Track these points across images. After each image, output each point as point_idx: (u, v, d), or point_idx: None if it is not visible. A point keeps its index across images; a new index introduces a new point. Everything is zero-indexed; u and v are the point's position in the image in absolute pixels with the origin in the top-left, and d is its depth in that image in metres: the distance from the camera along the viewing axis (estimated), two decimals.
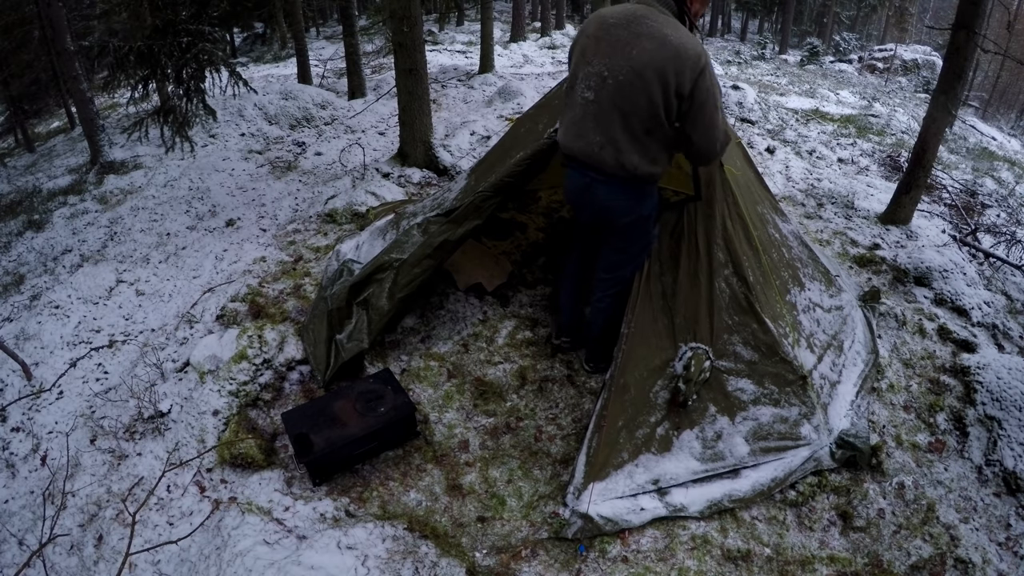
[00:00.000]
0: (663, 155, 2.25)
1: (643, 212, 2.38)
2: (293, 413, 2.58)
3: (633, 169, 2.20)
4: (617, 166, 2.21)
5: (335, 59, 12.56)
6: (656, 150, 2.20)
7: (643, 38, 2.06)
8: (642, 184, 2.29)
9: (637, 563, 2.17)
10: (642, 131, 2.15)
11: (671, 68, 2.01)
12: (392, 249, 2.95)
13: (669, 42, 2.03)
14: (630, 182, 2.26)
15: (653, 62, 2.03)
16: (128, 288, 3.95)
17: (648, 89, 2.05)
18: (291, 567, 2.01)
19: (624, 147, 2.17)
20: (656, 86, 2.04)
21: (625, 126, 2.15)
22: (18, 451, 2.84)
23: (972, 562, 2.24)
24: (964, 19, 3.81)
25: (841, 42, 21.84)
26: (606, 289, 2.65)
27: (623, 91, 2.10)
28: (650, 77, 2.04)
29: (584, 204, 2.43)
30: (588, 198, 2.38)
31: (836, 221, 4.56)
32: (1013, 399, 2.71)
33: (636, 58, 2.06)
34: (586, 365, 2.96)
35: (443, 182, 5.15)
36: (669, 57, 2.02)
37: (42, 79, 9.78)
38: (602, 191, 2.32)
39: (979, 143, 9.01)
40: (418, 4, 4.77)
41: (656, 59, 2.03)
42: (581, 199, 2.42)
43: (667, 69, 2.02)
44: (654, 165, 2.23)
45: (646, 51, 2.04)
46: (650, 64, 2.03)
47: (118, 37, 8.03)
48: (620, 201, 2.33)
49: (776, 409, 2.49)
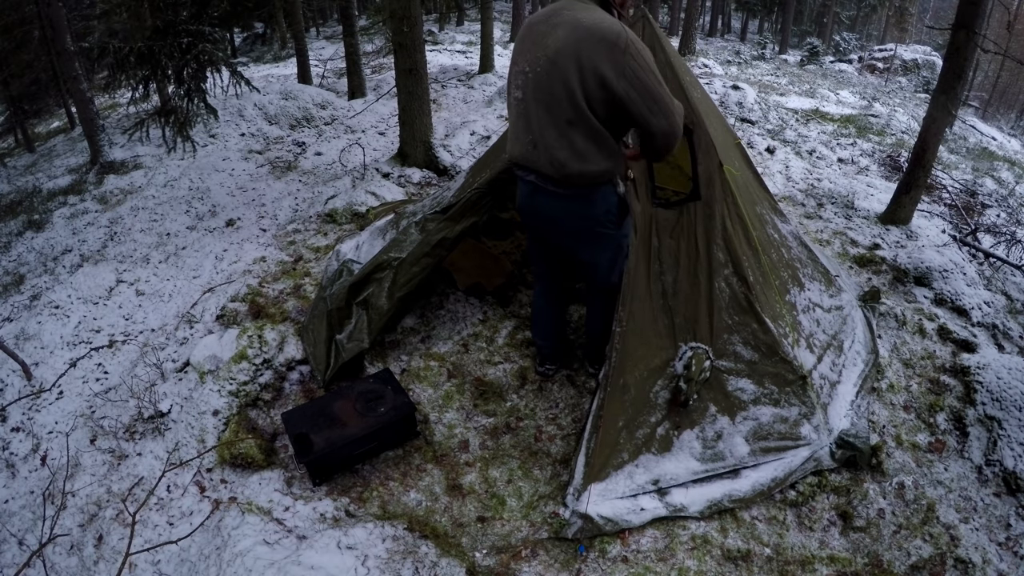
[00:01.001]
0: (591, 149, 2.04)
1: (594, 216, 2.20)
2: (293, 413, 2.58)
3: (561, 166, 2.05)
4: (548, 165, 2.08)
5: (335, 59, 12.57)
6: (582, 144, 2.02)
7: (559, 27, 1.98)
8: (581, 186, 2.11)
9: (637, 563, 2.17)
10: (564, 122, 2.01)
11: (584, 49, 1.90)
12: (391, 248, 2.95)
13: (582, 24, 1.93)
14: (567, 185, 2.11)
15: (566, 46, 1.94)
16: (128, 288, 3.95)
17: (563, 75, 1.95)
18: (291, 567, 2.01)
19: (551, 142, 2.05)
20: (572, 71, 1.93)
21: (548, 120, 2.03)
22: (18, 451, 2.84)
23: (972, 562, 2.24)
24: (964, 19, 3.81)
25: (841, 42, 21.85)
26: (595, 298, 2.56)
27: (541, 82, 2.01)
28: (564, 63, 1.94)
29: (530, 214, 2.32)
30: (532, 207, 2.27)
31: (836, 221, 4.56)
32: (1013, 399, 2.71)
33: (551, 46, 1.98)
34: (590, 367, 2.90)
35: (443, 182, 5.15)
36: (582, 39, 1.91)
37: (42, 79, 9.79)
38: (542, 199, 2.19)
39: (979, 143, 9.01)
40: (418, 4, 4.78)
41: (568, 42, 1.93)
42: (528, 209, 2.30)
43: (580, 50, 1.91)
44: (583, 162, 2.04)
45: (559, 38, 1.96)
46: (563, 50, 1.94)
47: (118, 37, 8.04)
48: (562, 207, 2.18)
49: (776, 409, 2.49)
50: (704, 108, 2.67)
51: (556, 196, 2.16)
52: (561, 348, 2.92)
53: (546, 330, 2.82)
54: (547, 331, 2.82)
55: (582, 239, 2.30)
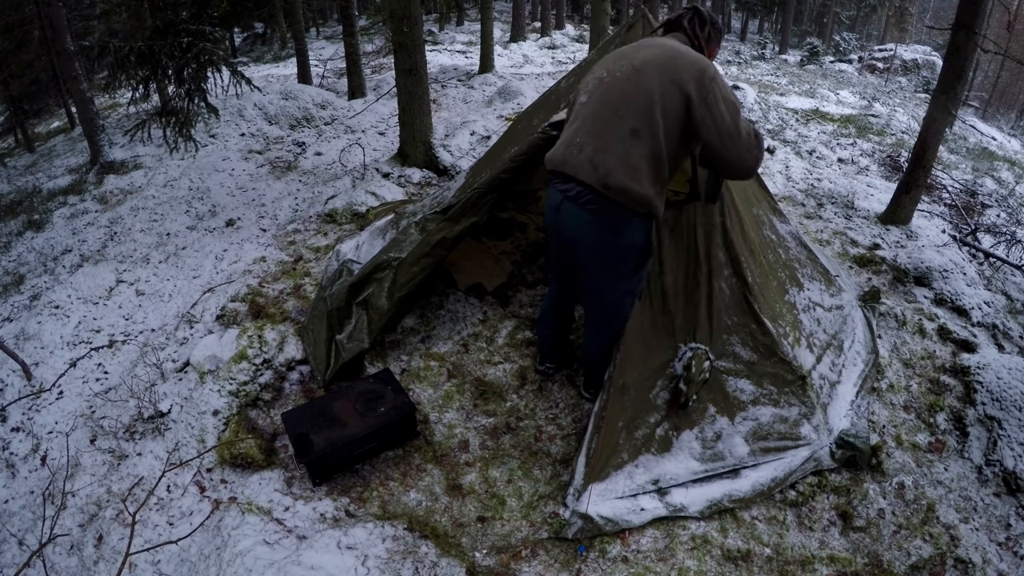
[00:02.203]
0: (644, 169, 1.94)
1: (617, 247, 2.07)
2: (293, 413, 2.58)
3: (605, 174, 1.93)
4: (592, 171, 1.95)
5: (335, 59, 12.57)
6: (637, 159, 1.92)
7: (651, 47, 2.04)
8: (615, 205, 1.97)
9: (637, 563, 2.17)
10: (628, 130, 1.93)
11: (676, 66, 1.94)
12: (391, 248, 2.95)
13: (676, 48, 2.01)
14: (603, 199, 1.96)
15: (656, 59, 1.97)
16: (128, 288, 3.95)
17: (647, 83, 1.93)
18: (291, 567, 2.01)
19: (605, 147, 1.95)
20: (656, 80, 1.92)
21: (613, 123, 1.96)
22: (18, 451, 2.84)
23: (972, 562, 2.24)
24: (964, 19, 3.81)
25: (841, 42, 21.85)
26: (598, 329, 2.41)
27: (618, 86, 1.98)
28: (650, 72, 1.94)
29: (554, 231, 2.21)
30: (556, 225, 2.16)
31: (836, 221, 4.56)
32: (1013, 399, 2.71)
33: (638, 58, 2.00)
34: (585, 392, 2.81)
35: (443, 182, 5.15)
36: (674, 57, 1.96)
37: (42, 79, 9.79)
38: (569, 216, 2.06)
39: (979, 143, 9.01)
40: (418, 4, 4.78)
41: (660, 58, 1.97)
42: (552, 226, 2.20)
43: (671, 66, 1.94)
44: (631, 178, 1.93)
45: (651, 53, 2.00)
46: (651, 61, 1.97)
47: (118, 37, 8.04)
48: (587, 229, 2.05)
49: (776, 409, 2.50)
50: None
51: (585, 212, 2.02)
52: (562, 349, 2.92)
53: (549, 331, 2.80)
54: (550, 332, 2.80)
55: (598, 267, 2.18)
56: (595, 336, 2.45)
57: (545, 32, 17.29)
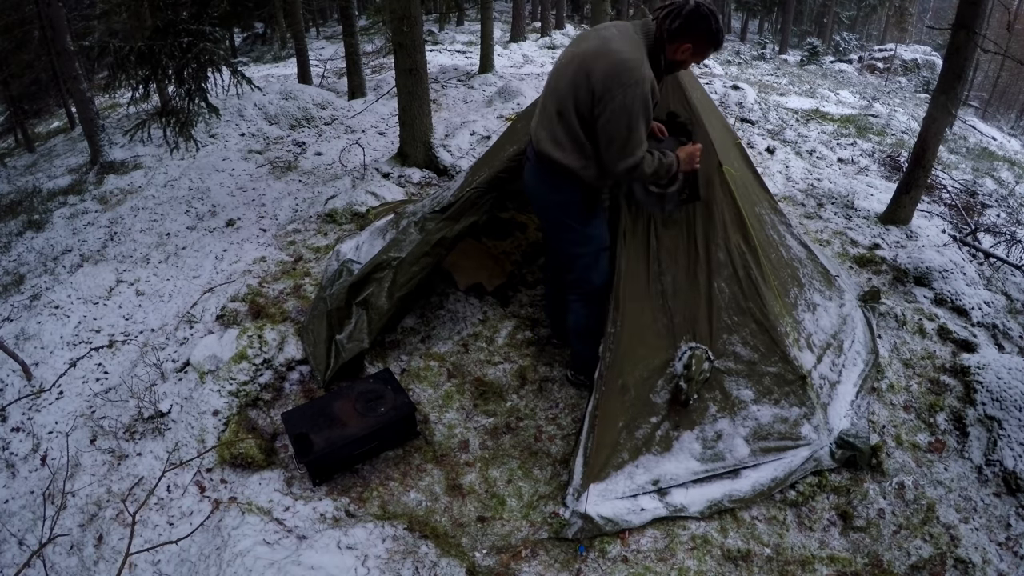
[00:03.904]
0: (567, 143, 2.22)
1: (556, 201, 2.39)
2: (293, 413, 2.58)
3: (538, 142, 2.30)
4: (535, 141, 2.32)
5: (335, 59, 12.57)
6: (561, 135, 2.23)
7: (592, 40, 2.17)
8: (551, 169, 2.30)
9: (637, 563, 2.17)
10: (554, 111, 2.22)
11: (598, 62, 2.06)
12: (391, 248, 2.95)
13: (611, 44, 2.08)
14: (541, 164, 2.34)
15: (585, 53, 2.12)
16: (128, 288, 3.95)
17: (571, 75, 2.14)
18: (291, 567, 2.01)
19: (542, 122, 2.29)
20: (580, 74, 2.10)
21: (547, 102, 2.27)
22: (18, 451, 2.84)
23: (972, 562, 2.24)
24: (964, 19, 3.81)
25: (841, 42, 21.85)
26: (570, 294, 2.63)
27: (557, 71, 2.24)
28: (577, 64, 2.13)
29: (525, 187, 2.55)
30: (525, 181, 2.50)
31: (836, 221, 4.55)
32: (1013, 399, 2.71)
33: (580, 48, 2.18)
34: (569, 373, 2.92)
35: (443, 182, 5.15)
36: (602, 54, 2.06)
37: (42, 79, 9.79)
38: (529, 174, 2.45)
39: (979, 143, 9.01)
40: (418, 4, 4.77)
41: (587, 53, 2.11)
42: (524, 183, 2.54)
43: (594, 60, 2.07)
44: (556, 149, 2.24)
45: (588, 47, 2.14)
46: (582, 54, 2.13)
47: (118, 37, 8.04)
48: (535, 184, 2.42)
49: (776, 409, 2.49)
50: (704, 108, 2.66)
51: (535, 172, 2.39)
52: (562, 328, 3.02)
53: (548, 306, 3.10)
54: (548, 307, 3.10)
55: (549, 221, 2.51)
56: (573, 303, 2.63)
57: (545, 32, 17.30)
